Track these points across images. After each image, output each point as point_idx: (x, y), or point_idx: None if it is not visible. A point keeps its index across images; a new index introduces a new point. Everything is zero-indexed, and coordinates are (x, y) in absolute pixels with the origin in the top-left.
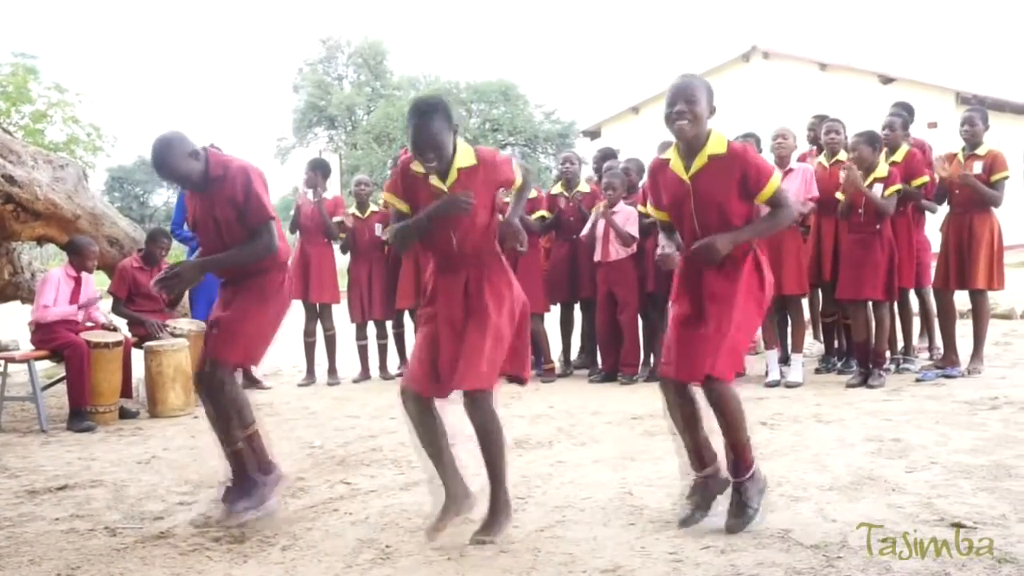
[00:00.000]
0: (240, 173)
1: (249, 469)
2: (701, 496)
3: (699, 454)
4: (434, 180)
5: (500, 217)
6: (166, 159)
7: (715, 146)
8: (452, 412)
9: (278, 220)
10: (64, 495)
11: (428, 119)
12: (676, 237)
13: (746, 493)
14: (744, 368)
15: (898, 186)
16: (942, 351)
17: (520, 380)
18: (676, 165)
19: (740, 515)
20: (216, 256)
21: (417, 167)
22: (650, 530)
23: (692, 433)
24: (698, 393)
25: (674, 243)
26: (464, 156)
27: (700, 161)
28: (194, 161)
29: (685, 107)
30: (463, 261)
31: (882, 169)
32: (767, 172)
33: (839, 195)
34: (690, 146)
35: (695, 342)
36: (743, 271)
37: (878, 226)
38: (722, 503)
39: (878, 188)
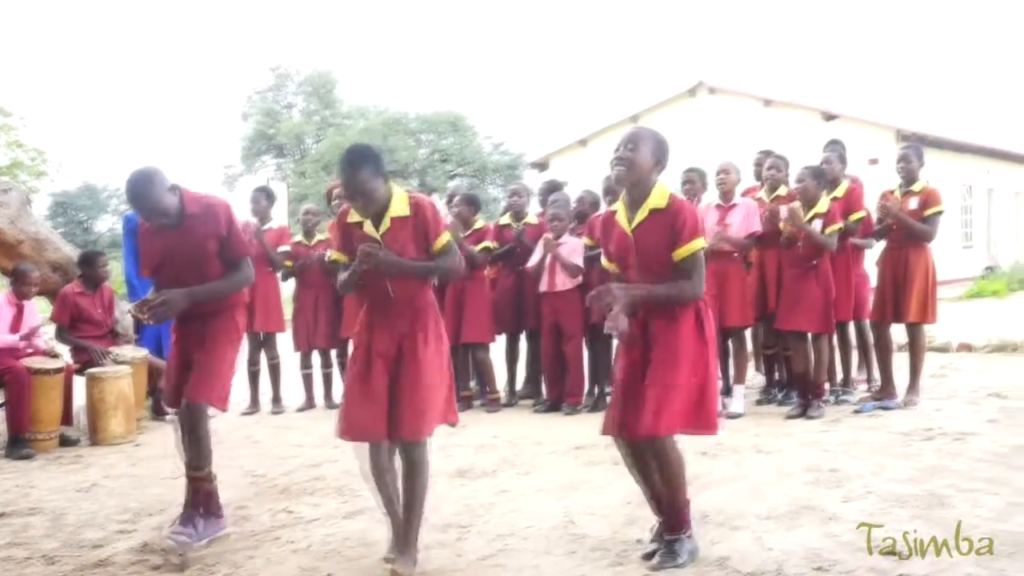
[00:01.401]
0: (222, 208)
1: (196, 504)
2: (661, 539)
3: (658, 501)
4: (368, 228)
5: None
6: (149, 192)
7: (657, 200)
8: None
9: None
10: (1, 523)
11: (357, 168)
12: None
13: (678, 547)
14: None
15: (839, 224)
16: (879, 383)
17: (454, 423)
18: (621, 216)
19: (667, 561)
20: (205, 286)
21: (352, 216)
22: (591, 558)
23: (648, 483)
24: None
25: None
26: (398, 205)
27: (642, 214)
28: (172, 196)
29: (625, 153)
30: (398, 309)
31: (823, 204)
32: (691, 233)
33: (782, 225)
34: (633, 198)
35: (638, 399)
36: (685, 323)
37: (815, 261)
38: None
39: (818, 223)
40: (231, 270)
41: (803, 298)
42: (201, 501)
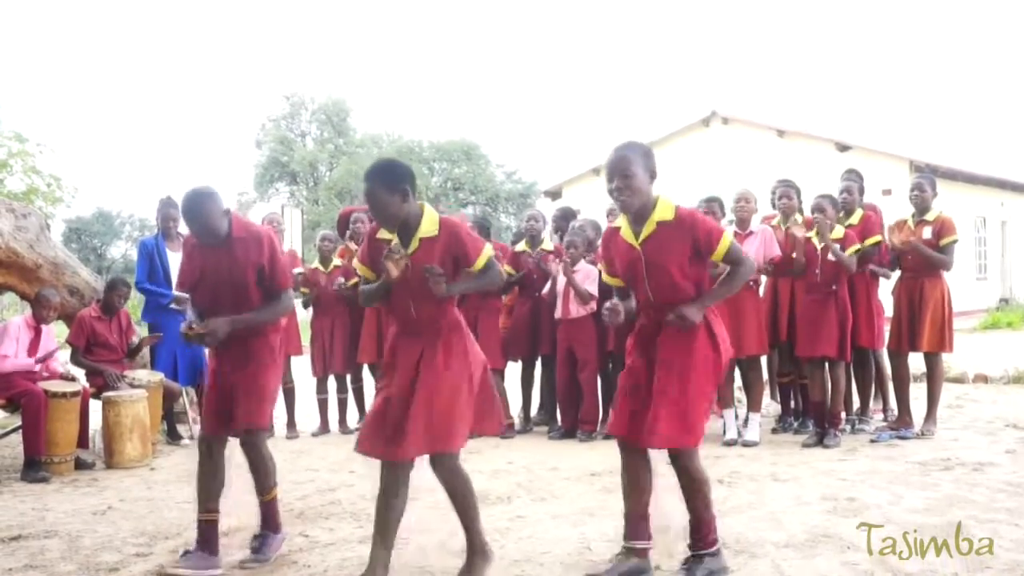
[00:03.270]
0: (266, 238)
1: (214, 543)
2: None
3: (634, 522)
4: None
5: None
6: (204, 211)
7: (663, 212)
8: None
9: None
10: (17, 545)
11: (369, 182)
12: (631, 302)
13: (696, 566)
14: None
15: (858, 245)
16: (896, 413)
17: (492, 434)
18: (626, 232)
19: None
20: (246, 315)
21: (383, 234)
22: None
23: (634, 498)
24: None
25: (628, 306)
26: (428, 225)
27: (649, 228)
28: (224, 219)
29: (621, 183)
30: (421, 328)
31: (838, 231)
32: (717, 233)
33: (794, 255)
34: (638, 214)
35: (651, 407)
36: (697, 337)
37: (834, 286)
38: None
39: (836, 247)
40: (271, 299)
41: (823, 324)
42: (273, 523)
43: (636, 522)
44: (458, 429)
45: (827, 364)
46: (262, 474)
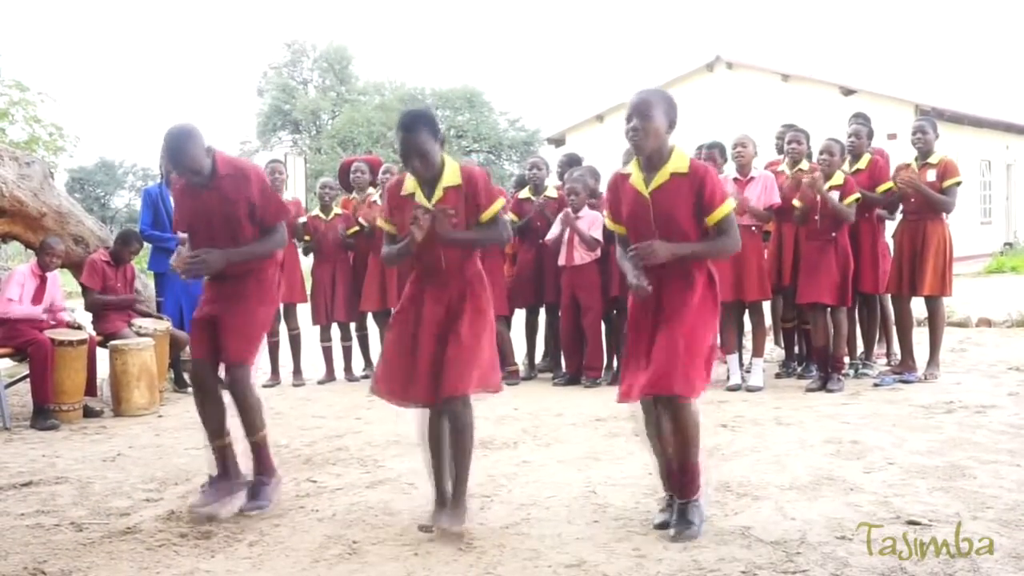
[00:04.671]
0: (253, 172)
1: (232, 467)
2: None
3: (669, 474)
4: (420, 199)
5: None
6: (187, 148)
7: (677, 163)
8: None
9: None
10: (29, 491)
11: (415, 130)
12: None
13: (691, 513)
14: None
15: (856, 195)
16: (899, 356)
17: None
18: (636, 179)
19: (683, 528)
20: (241, 248)
21: (405, 188)
22: (613, 527)
23: (664, 451)
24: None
25: (637, 266)
26: (451, 175)
27: (662, 177)
28: (207, 156)
29: (639, 123)
30: (449, 277)
31: (838, 177)
32: (722, 196)
33: (795, 202)
34: (651, 161)
35: (656, 359)
36: (698, 287)
37: (834, 233)
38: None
39: (834, 195)
40: (266, 233)
41: (822, 271)
42: (264, 466)
43: (671, 474)
44: (474, 376)
45: (828, 309)
46: (248, 413)
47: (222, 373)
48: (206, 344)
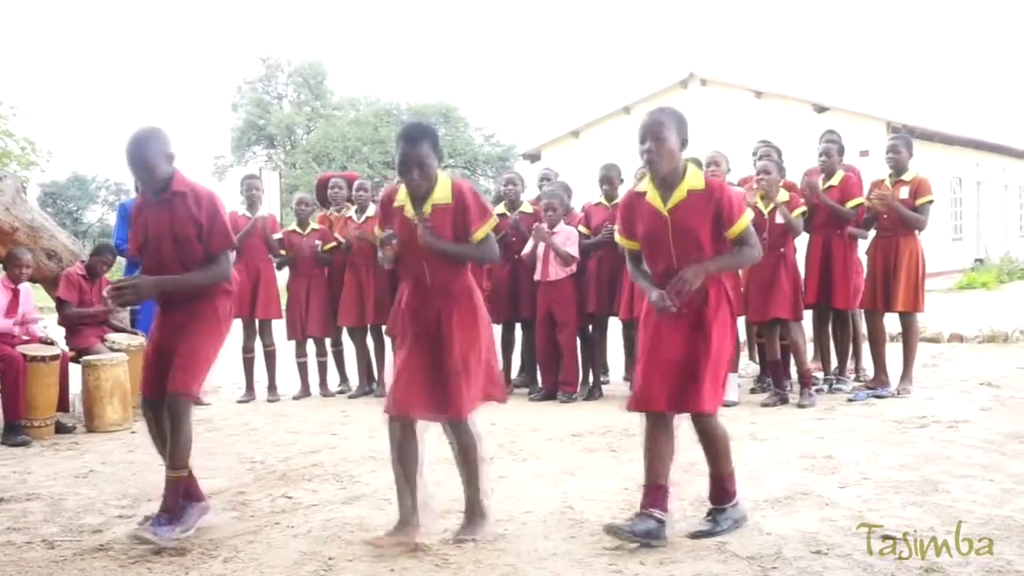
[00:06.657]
0: (207, 197)
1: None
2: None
3: (653, 493)
4: (408, 213)
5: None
6: (147, 150)
7: (693, 180)
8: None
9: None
10: (0, 509)
11: (417, 142)
12: (643, 267)
13: (720, 517)
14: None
15: (803, 208)
16: (868, 372)
17: (501, 400)
18: (653, 198)
19: (708, 530)
20: (175, 276)
21: (397, 200)
22: (590, 543)
23: (657, 467)
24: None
25: (647, 278)
26: (441, 193)
27: (679, 195)
28: (167, 164)
29: (654, 145)
30: (435, 292)
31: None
32: (740, 209)
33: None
34: (666, 180)
35: (679, 375)
36: (715, 302)
37: (782, 248)
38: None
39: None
40: (208, 262)
41: (775, 287)
42: (169, 504)
43: (655, 492)
44: (472, 396)
45: (779, 325)
46: (177, 446)
47: None
48: (157, 383)
